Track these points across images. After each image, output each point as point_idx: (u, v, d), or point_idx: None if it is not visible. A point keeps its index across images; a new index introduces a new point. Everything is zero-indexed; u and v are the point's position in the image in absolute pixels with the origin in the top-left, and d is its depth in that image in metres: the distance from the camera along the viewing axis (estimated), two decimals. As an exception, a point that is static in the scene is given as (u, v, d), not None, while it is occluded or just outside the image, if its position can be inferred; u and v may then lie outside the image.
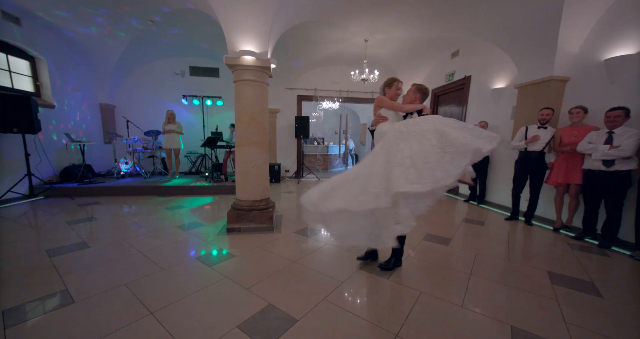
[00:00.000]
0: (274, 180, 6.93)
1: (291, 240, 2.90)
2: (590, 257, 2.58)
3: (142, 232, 2.99)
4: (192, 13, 4.12)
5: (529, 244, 2.94)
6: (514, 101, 4.15)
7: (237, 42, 2.82)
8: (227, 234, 3.00)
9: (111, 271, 2.08)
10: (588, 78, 3.25)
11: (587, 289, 1.96)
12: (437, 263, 2.38)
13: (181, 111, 7.00)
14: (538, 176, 3.46)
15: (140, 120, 6.51)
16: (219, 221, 3.48)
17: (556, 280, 2.10)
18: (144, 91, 6.74)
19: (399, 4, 3.85)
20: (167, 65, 6.80)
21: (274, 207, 3.56)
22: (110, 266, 2.16)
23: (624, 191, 2.69)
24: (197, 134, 6.99)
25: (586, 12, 3.08)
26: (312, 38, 5.29)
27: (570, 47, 3.34)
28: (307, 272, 2.16)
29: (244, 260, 2.38)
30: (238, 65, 2.88)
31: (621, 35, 2.92)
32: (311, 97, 7.69)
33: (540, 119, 3.40)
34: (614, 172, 2.68)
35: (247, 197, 3.18)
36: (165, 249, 2.52)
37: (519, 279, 2.12)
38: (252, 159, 3.13)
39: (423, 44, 5.45)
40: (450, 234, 3.16)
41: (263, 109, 3.13)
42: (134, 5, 4.14)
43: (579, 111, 3.08)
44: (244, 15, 2.67)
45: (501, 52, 4.22)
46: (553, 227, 3.38)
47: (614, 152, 2.62)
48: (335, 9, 4.02)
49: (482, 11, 3.70)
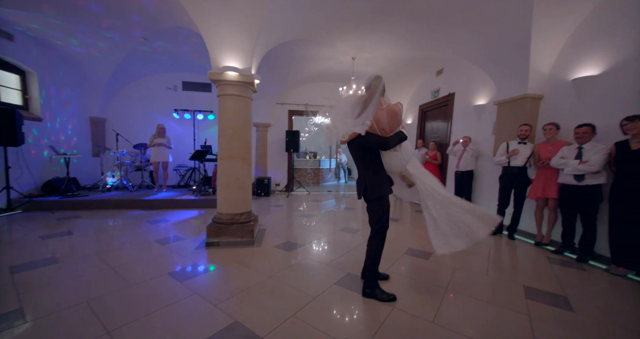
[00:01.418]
0: (264, 194, 6.91)
1: (270, 254, 2.85)
2: (568, 271, 2.58)
3: (118, 246, 2.93)
4: (186, 32, 4.28)
5: (509, 259, 2.94)
6: (495, 117, 4.29)
7: (221, 58, 2.92)
8: (206, 248, 2.95)
9: (74, 287, 2.01)
10: (559, 96, 3.40)
11: (560, 304, 1.95)
12: (414, 278, 2.36)
13: (172, 125, 7.06)
14: (520, 191, 3.52)
15: (131, 133, 6.54)
16: (201, 234, 3.43)
17: (530, 295, 2.09)
18: (136, 105, 6.82)
19: (382, 24, 4.03)
20: (161, 80, 6.93)
21: (257, 220, 3.53)
22: (74, 283, 2.09)
23: (596, 205, 2.75)
24: (187, 147, 7.01)
25: (553, 36, 3.27)
26: (301, 55, 5.48)
27: (541, 67, 3.51)
28: (281, 287, 2.12)
29: (217, 275, 2.33)
30: (222, 81, 2.97)
31: (586, 57, 3.09)
32: (302, 112, 7.85)
33: (519, 134, 3.51)
34: (585, 186, 2.74)
35: (228, 211, 3.16)
36: (139, 265, 2.46)
37: (494, 294, 2.10)
38: (234, 172, 3.14)
39: (409, 62, 5.68)
40: (432, 248, 3.14)
41: (246, 123, 3.18)
42: (128, 25, 4.27)
43: (551, 128, 3.20)
44: (227, 32, 2.79)
45: (481, 70, 4.41)
46: (534, 242, 3.39)
47: (583, 167, 2.69)
48: (320, 29, 4.20)
49: (461, 33, 3.90)
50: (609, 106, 2.84)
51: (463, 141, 4.68)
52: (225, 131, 3.08)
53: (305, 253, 2.91)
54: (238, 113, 3.10)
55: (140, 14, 3.84)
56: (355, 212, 5.12)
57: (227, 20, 2.71)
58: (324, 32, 4.32)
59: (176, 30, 4.36)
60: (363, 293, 2.03)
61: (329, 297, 2.00)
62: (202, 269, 2.42)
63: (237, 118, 3.09)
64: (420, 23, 3.90)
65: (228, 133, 3.08)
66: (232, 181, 3.14)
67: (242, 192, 3.22)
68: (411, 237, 3.52)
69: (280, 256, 2.82)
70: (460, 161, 4.68)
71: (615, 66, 2.82)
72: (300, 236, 3.52)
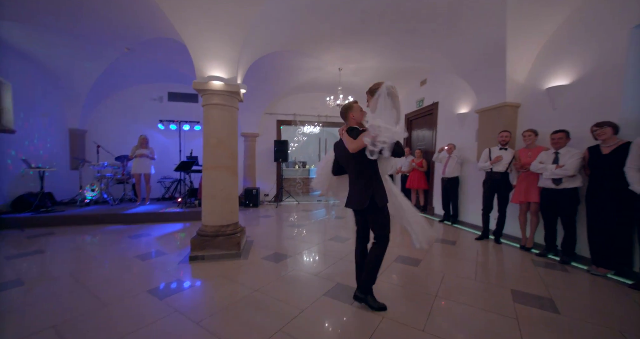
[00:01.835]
0: (252, 204, 6.79)
1: (257, 267, 2.77)
2: (552, 273, 2.62)
3: (94, 264, 2.76)
4: (171, 42, 4.25)
5: (496, 263, 2.97)
6: (477, 125, 4.43)
7: (205, 68, 2.91)
8: (190, 263, 2.83)
9: (42, 311, 1.86)
10: (535, 104, 3.57)
11: (546, 306, 1.97)
12: (404, 286, 2.33)
13: (157, 136, 6.91)
14: (503, 195, 3.61)
15: (114, 145, 6.34)
16: (185, 248, 3.30)
17: (518, 298, 2.10)
18: (120, 116, 6.65)
19: (366, 35, 4.15)
20: (145, 91, 6.82)
21: (244, 232, 3.44)
22: (42, 306, 1.93)
23: (575, 208, 2.84)
24: (172, 158, 6.84)
25: (526, 48, 3.46)
26: (289, 66, 5.55)
27: (517, 77, 3.69)
28: (268, 301, 2.04)
29: (200, 291, 2.23)
30: (206, 90, 2.95)
31: (557, 68, 3.28)
32: (290, 121, 7.88)
33: (500, 141, 3.63)
34: (563, 189, 2.84)
35: (214, 223, 3.06)
36: (116, 283, 2.32)
37: (483, 299, 2.10)
38: (220, 182, 3.07)
39: (394, 72, 5.84)
40: (421, 255, 3.15)
41: (232, 132, 3.15)
42: (110, 35, 4.22)
43: (530, 134, 3.33)
44: (212, 43, 2.79)
45: (462, 80, 4.58)
46: (520, 245, 3.46)
47: (559, 171, 2.80)
48: (307, 40, 4.28)
49: (442, 45, 4.07)
50: (580, 113, 3.00)
51: (448, 148, 4.79)
52: (210, 141, 3.03)
53: (294, 264, 2.84)
54: (223, 122, 3.07)
55: (124, 24, 3.80)
56: (345, 221, 5.09)
57: (212, 31, 2.72)
58: (310, 43, 4.40)
59: (162, 40, 4.32)
60: (354, 296, 1.98)
61: (317, 309, 1.93)
62: (185, 285, 2.30)
63: (222, 128, 3.06)
64: (403, 35, 4.05)
65: (213, 143, 3.03)
66: (218, 191, 3.06)
67: (229, 203, 3.15)
68: (400, 245, 3.51)
69: (268, 268, 2.74)
70: (446, 167, 4.78)
71: (584, 76, 3.00)
72: (289, 247, 3.44)
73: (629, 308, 1.99)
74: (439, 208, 5.38)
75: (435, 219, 5.25)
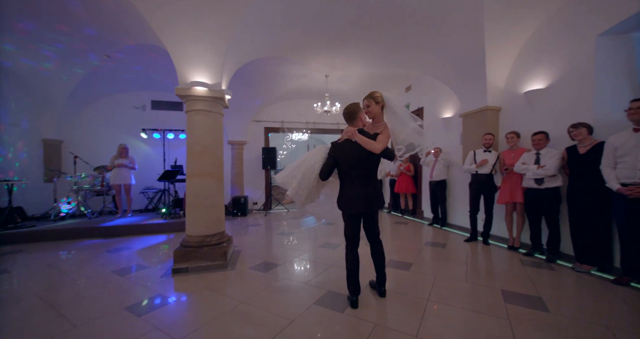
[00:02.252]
0: (240, 213, 6.63)
1: (245, 277, 2.65)
2: (539, 272, 2.65)
3: (66, 282, 2.56)
4: (155, 50, 4.16)
5: (485, 264, 2.98)
6: (461, 128, 4.54)
7: (189, 74, 2.84)
8: (172, 276, 2.68)
9: (3, 337, 1.69)
10: (515, 108, 3.70)
11: (536, 305, 1.97)
12: (396, 290, 2.28)
13: (140, 145, 6.70)
14: (489, 197, 3.67)
15: (94, 156, 6.05)
16: (167, 261, 3.13)
17: (508, 298, 2.09)
18: (100, 125, 6.40)
19: (352, 42, 4.20)
20: (128, 99, 6.63)
21: (231, 241, 3.32)
22: (4, 331, 1.76)
23: (557, 207, 2.92)
24: (156, 168, 6.61)
25: (503, 54, 3.61)
26: (276, 73, 5.55)
27: (497, 82, 3.83)
28: (255, 313, 1.94)
29: (183, 305, 2.10)
30: (190, 96, 2.87)
31: (533, 73, 3.43)
32: (278, 129, 7.84)
33: (484, 143, 3.72)
34: (545, 189, 2.92)
35: (198, 232, 2.93)
36: (90, 301, 2.15)
37: (474, 300, 2.08)
38: (205, 190, 2.97)
39: (379, 79, 5.96)
40: (412, 258, 3.12)
41: (217, 139, 3.07)
42: (89, 42, 4.08)
43: (512, 136, 3.43)
44: (195, 48, 2.75)
45: (446, 86, 4.71)
46: (507, 246, 3.50)
47: (541, 171, 2.88)
48: (292, 47, 4.31)
49: (425, 51, 4.18)
50: (557, 115, 3.13)
51: (435, 152, 4.88)
52: (194, 148, 2.94)
53: (283, 273, 2.75)
54: (208, 129, 2.99)
55: (103, 30, 3.70)
56: (336, 227, 5.03)
57: (195, 37, 2.68)
58: (296, 50, 4.43)
59: (144, 47, 4.24)
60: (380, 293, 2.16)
61: (307, 319, 1.85)
62: (166, 300, 2.17)
63: (207, 134, 2.98)
64: (387, 42, 4.14)
65: (197, 150, 2.94)
66: (202, 200, 2.95)
67: (214, 212, 3.03)
68: (391, 250, 3.48)
69: (256, 278, 2.63)
70: (433, 171, 4.85)
71: (557, 81, 3.14)
72: (279, 256, 3.34)
73: (614, 304, 2.03)
74: (428, 212, 5.42)
75: (424, 223, 5.27)
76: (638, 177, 2.23)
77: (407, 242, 3.91)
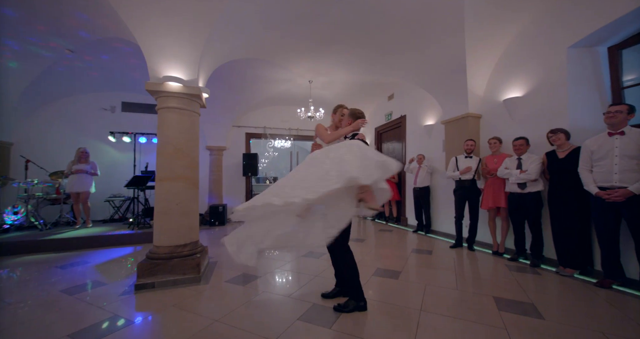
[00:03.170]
0: (218, 223, 6.24)
1: (220, 292, 2.38)
2: (526, 277, 2.62)
3: (0, 306, 2.15)
4: (118, 41, 3.84)
5: (473, 270, 2.92)
6: (443, 135, 4.60)
7: (161, 68, 2.61)
8: (135, 293, 2.35)
9: None
10: (495, 115, 3.80)
11: (530, 313, 1.90)
12: (387, 301, 2.13)
13: (107, 150, 6.18)
14: (473, 202, 3.68)
15: (52, 160, 5.46)
16: (131, 276, 2.77)
17: (502, 306, 2.01)
18: (61, 127, 5.83)
19: (335, 47, 4.17)
20: (95, 100, 6.13)
21: (205, 252, 3.02)
22: None
23: (539, 211, 2.96)
24: (125, 174, 6.09)
25: (482, 63, 3.73)
26: (258, 76, 5.39)
27: (477, 90, 3.94)
28: (231, 333, 1.69)
29: (146, 327, 1.80)
30: (162, 92, 2.63)
31: (510, 82, 3.55)
32: (260, 135, 7.62)
33: (466, 149, 3.75)
34: (528, 193, 2.96)
35: (167, 242, 2.63)
36: (25, 328, 1.79)
37: (468, 309, 1.98)
38: (176, 195, 2.68)
39: (362, 87, 6.00)
40: (400, 266, 3.00)
41: (192, 139, 2.82)
42: (45, 29, 3.65)
43: (495, 141, 3.49)
44: (169, 39, 2.53)
45: (428, 93, 4.80)
46: (492, 251, 3.49)
47: (523, 176, 2.92)
48: (275, 49, 4.19)
49: (407, 59, 4.24)
50: (535, 122, 3.23)
51: (418, 159, 4.89)
52: (165, 149, 2.68)
53: (264, 286, 2.50)
54: (182, 128, 2.74)
55: (65, 19, 3.36)
56: (319, 236, 4.82)
57: (168, 27, 2.47)
58: (279, 52, 4.33)
59: (112, 41, 3.93)
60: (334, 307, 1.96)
61: (291, 337, 1.64)
62: (124, 322, 1.85)
63: (181, 134, 2.73)
64: (370, 49, 4.16)
65: (169, 151, 2.68)
66: (174, 206, 2.66)
67: (187, 220, 2.75)
68: (377, 257, 3.34)
69: (234, 292, 2.37)
70: (417, 177, 4.85)
71: (533, 89, 3.26)
72: (259, 266, 3.08)
73: (602, 307, 2.01)
74: (412, 219, 5.39)
75: (409, 230, 5.22)
76: (614, 181, 2.28)
77: (393, 249, 3.79)
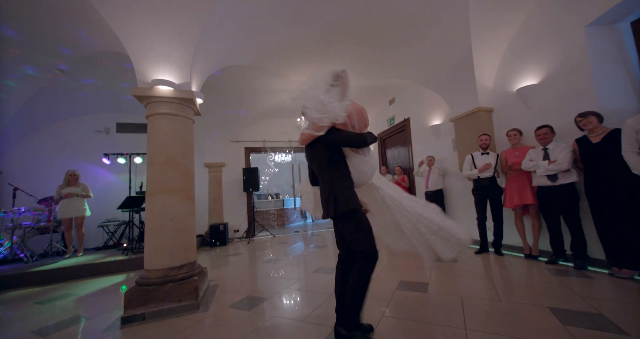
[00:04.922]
0: (219, 243, 5.86)
1: (223, 319, 2.02)
2: (576, 282, 2.25)
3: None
4: (106, 57, 3.69)
5: (510, 278, 2.54)
6: (452, 134, 4.36)
7: (149, 71, 2.42)
8: (122, 327, 1.99)
9: None
10: (508, 106, 3.57)
11: (605, 326, 1.53)
12: (421, 319, 1.77)
13: (101, 172, 5.93)
14: (496, 202, 3.36)
15: (42, 187, 5.17)
16: (119, 307, 2.40)
17: (564, 319, 1.64)
18: (53, 153, 5.60)
19: (334, 51, 4.03)
20: (88, 123, 5.97)
21: (204, 274, 2.67)
22: None
23: (576, 204, 2.63)
24: (120, 197, 5.75)
25: (490, 53, 3.57)
26: (256, 87, 5.24)
27: (486, 82, 3.75)
28: (235, 375, 1.34)
29: (128, 373, 1.44)
30: (151, 97, 2.42)
31: (523, 70, 3.35)
32: (260, 149, 7.41)
33: (481, 144, 3.49)
34: (560, 186, 2.65)
35: (160, 265, 2.29)
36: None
37: (526, 324, 1.61)
38: (169, 209, 2.39)
39: (362, 92, 5.83)
40: (426, 278, 2.63)
41: (186, 148, 2.57)
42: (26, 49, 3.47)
43: (515, 133, 3.23)
44: (158, 40, 2.35)
45: (432, 92, 4.61)
46: (524, 254, 3.12)
47: (553, 166, 2.63)
48: (270, 56, 4.05)
49: (410, 57, 4.09)
50: (557, 109, 2.98)
51: (428, 161, 4.62)
52: (156, 158, 2.41)
53: (272, 309, 2.14)
54: (175, 136, 2.50)
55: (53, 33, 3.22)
56: (328, 250, 4.45)
57: (157, 27, 2.31)
58: (274, 59, 4.19)
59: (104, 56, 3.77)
60: (336, 335, 1.54)
61: (312, 377, 1.28)
62: (104, 367, 1.49)
63: (173, 142, 2.48)
64: (369, 49, 4.03)
65: (160, 160, 2.41)
66: (166, 222, 2.36)
67: (182, 237, 2.43)
68: (395, 269, 2.98)
69: (238, 318, 2.01)
70: (428, 181, 4.55)
71: (551, 74, 3.05)
72: (265, 288, 2.72)
73: (687, 313, 1.64)
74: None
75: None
76: (666, 162, 2.00)
77: (409, 259, 3.40)
